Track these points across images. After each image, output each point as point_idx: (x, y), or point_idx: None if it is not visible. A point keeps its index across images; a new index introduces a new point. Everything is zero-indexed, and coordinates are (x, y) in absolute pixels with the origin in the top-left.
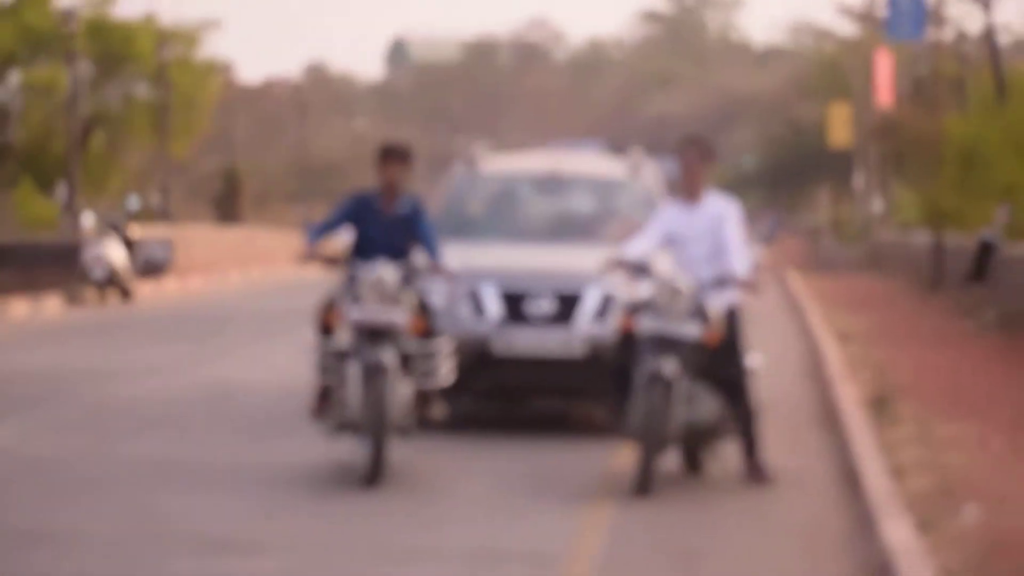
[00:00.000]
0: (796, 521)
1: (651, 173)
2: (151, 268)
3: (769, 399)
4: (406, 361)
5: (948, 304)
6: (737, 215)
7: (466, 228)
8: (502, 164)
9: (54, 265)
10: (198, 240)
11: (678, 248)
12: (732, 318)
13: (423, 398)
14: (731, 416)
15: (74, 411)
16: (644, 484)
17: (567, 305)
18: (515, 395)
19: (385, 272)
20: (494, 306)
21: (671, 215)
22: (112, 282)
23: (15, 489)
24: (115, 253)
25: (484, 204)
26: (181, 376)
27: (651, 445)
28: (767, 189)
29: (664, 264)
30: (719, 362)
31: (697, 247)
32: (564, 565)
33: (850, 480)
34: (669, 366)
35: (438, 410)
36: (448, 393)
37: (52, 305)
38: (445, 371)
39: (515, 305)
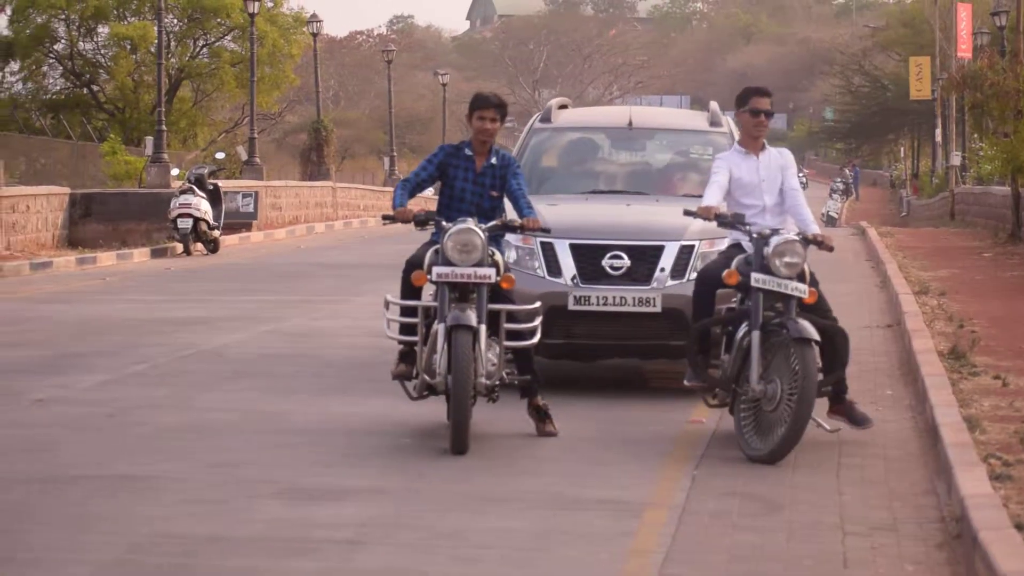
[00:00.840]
0: (875, 472)
1: (731, 125)
2: (237, 220)
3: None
4: (495, 321)
5: None
6: (794, 164)
7: (541, 182)
8: (579, 117)
9: (141, 217)
10: (284, 192)
11: (743, 197)
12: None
13: (537, 412)
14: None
15: (160, 361)
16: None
17: (645, 260)
18: (592, 353)
19: (473, 228)
20: (569, 262)
21: (735, 163)
22: (198, 234)
23: (99, 437)
24: (201, 205)
25: (560, 158)
26: (266, 327)
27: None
28: (848, 142)
29: (770, 220)
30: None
31: (763, 197)
32: (644, 513)
33: (928, 431)
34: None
35: (553, 427)
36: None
37: (138, 256)
38: (535, 331)
39: (591, 260)
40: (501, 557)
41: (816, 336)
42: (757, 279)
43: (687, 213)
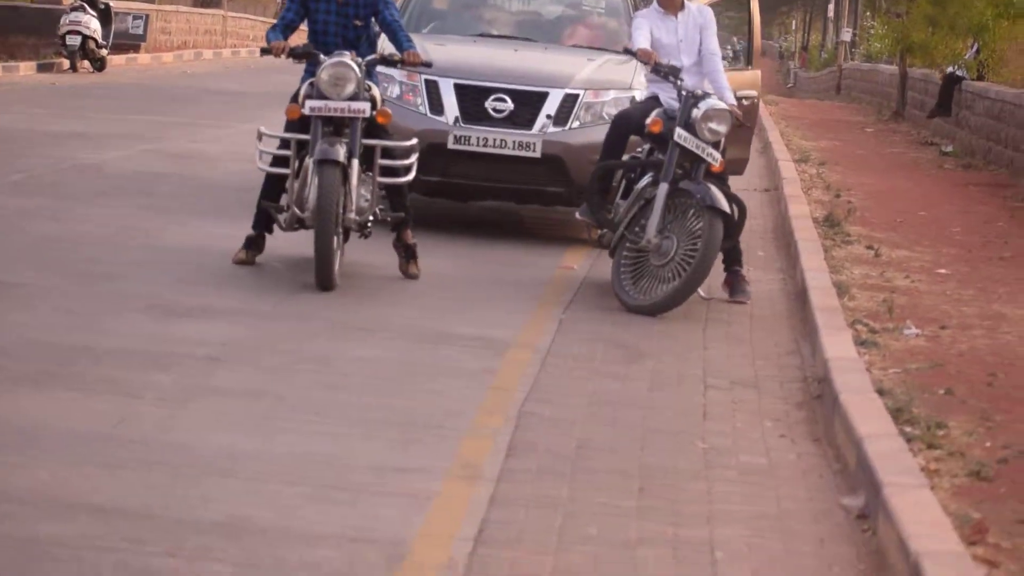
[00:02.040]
0: (741, 330)
1: None
2: (126, 41)
3: None
4: (369, 156)
5: (909, 134)
6: (714, 24)
7: (431, 23)
8: None
9: (30, 31)
10: (175, 17)
11: (664, 58)
12: None
13: (406, 250)
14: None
15: (38, 172)
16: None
17: (528, 105)
18: (468, 193)
19: (348, 61)
20: (452, 101)
21: (654, 22)
22: (85, 52)
23: None
24: (91, 23)
25: (449, 1)
26: (147, 147)
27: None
28: (738, 12)
29: (688, 82)
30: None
31: (680, 58)
32: (508, 352)
33: (798, 294)
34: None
35: (416, 268)
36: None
37: (24, 69)
38: (410, 168)
39: (474, 101)
40: (362, 385)
41: (727, 208)
42: (680, 135)
43: (625, 51)
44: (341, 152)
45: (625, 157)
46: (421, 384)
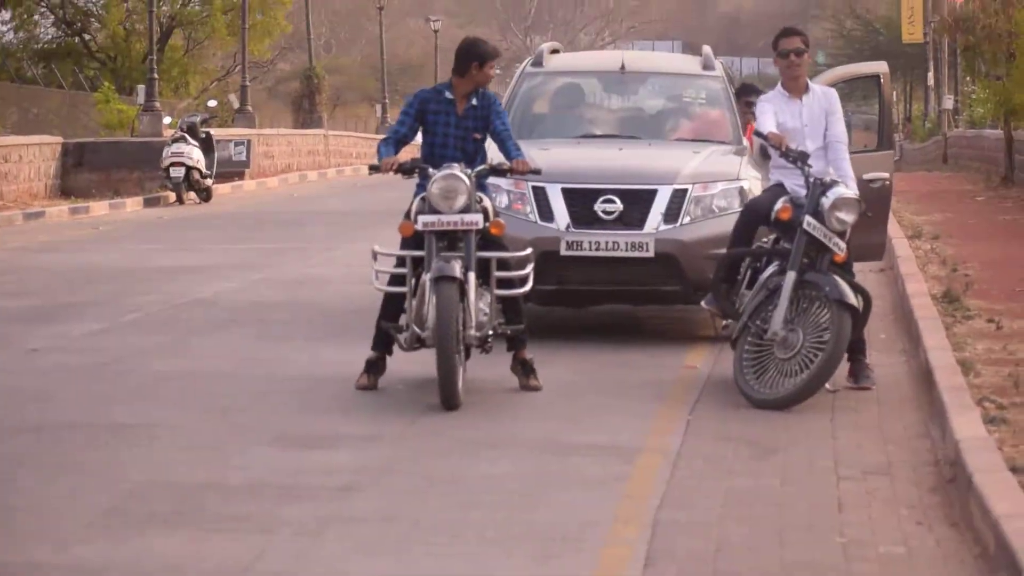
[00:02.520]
0: (869, 416)
1: (722, 68)
2: (230, 168)
3: None
4: (485, 269)
5: (1020, 199)
6: (840, 108)
7: (533, 128)
8: (570, 61)
9: (134, 166)
10: (276, 141)
11: (789, 142)
12: None
13: (523, 366)
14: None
15: (154, 308)
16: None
17: (637, 204)
18: (584, 299)
19: (458, 173)
20: (561, 206)
21: (778, 105)
22: (190, 183)
23: (92, 385)
24: (193, 154)
25: (552, 103)
26: (259, 275)
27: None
28: (840, 87)
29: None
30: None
31: (806, 143)
32: (638, 457)
33: (922, 375)
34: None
35: (537, 382)
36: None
37: (131, 205)
38: (526, 279)
39: (583, 205)
40: (495, 502)
41: (855, 302)
42: (810, 223)
43: (757, 134)
44: (457, 268)
45: (756, 245)
46: (554, 496)
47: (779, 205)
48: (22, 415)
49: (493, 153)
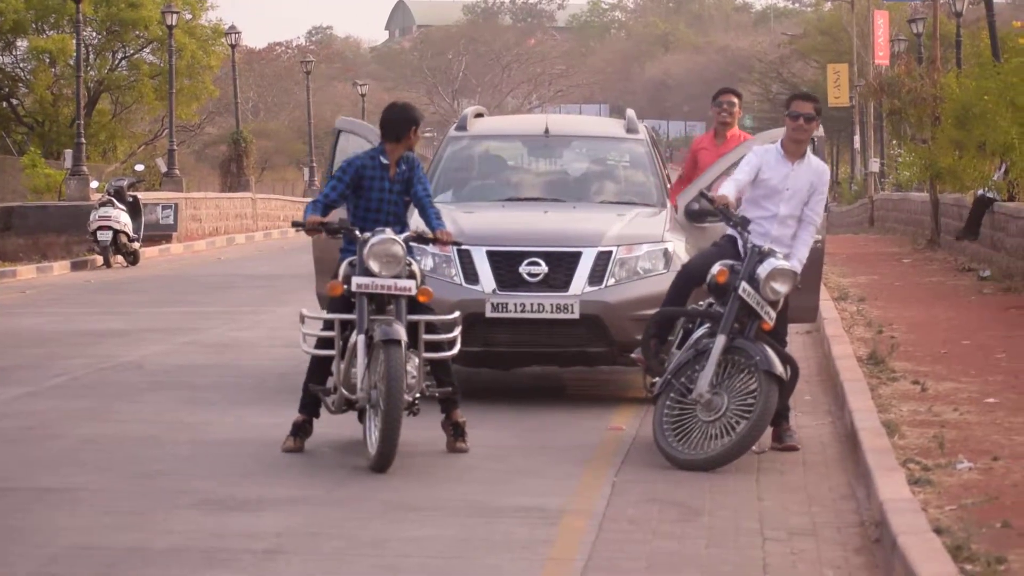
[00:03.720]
0: (794, 477)
1: (646, 131)
2: (157, 232)
3: None
4: (413, 332)
5: (946, 262)
6: (827, 188)
7: (458, 191)
8: (495, 125)
9: (61, 230)
10: (204, 204)
11: (761, 198)
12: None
13: (454, 428)
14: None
15: (79, 373)
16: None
17: (562, 266)
18: (510, 361)
19: (395, 238)
20: (487, 268)
21: (768, 163)
22: (118, 246)
23: (18, 449)
24: (121, 217)
25: (477, 166)
26: (186, 339)
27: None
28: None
29: (775, 230)
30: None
31: (779, 206)
32: (563, 519)
33: (847, 436)
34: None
35: (465, 444)
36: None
37: (59, 269)
38: (454, 342)
39: (509, 267)
40: (421, 566)
41: (783, 373)
42: (745, 290)
43: (702, 195)
44: (402, 331)
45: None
46: (480, 560)
47: (716, 269)
48: None
49: (414, 219)
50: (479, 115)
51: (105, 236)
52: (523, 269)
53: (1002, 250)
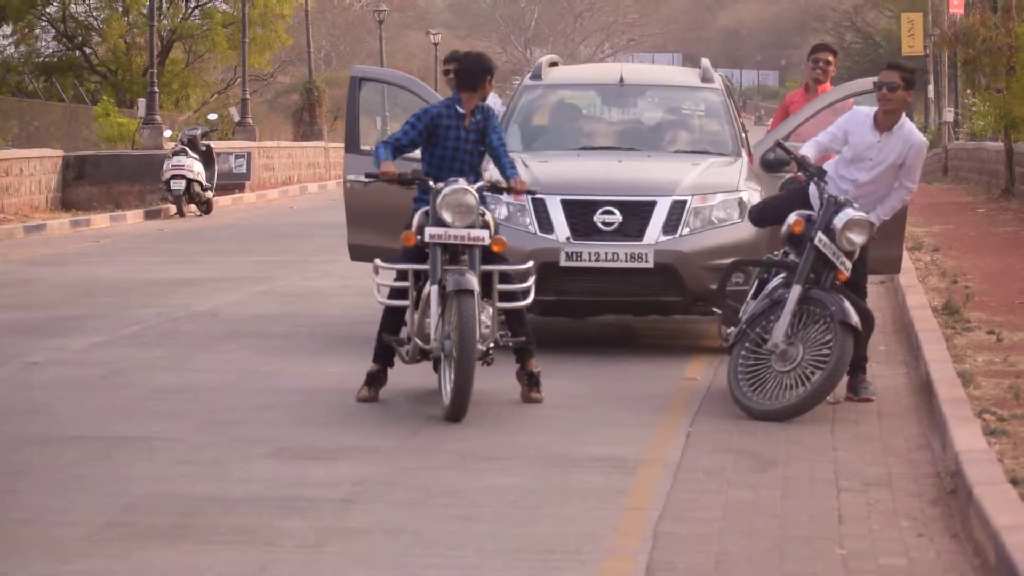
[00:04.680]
0: (869, 428)
1: (721, 80)
2: (230, 181)
3: None
4: (487, 282)
5: (1020, 211)
6: (922, 160)
7: (532, 140)
8: (569, 74)
9: (134, 179)
10: (277, 153)
11: (850, 164)
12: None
13: (529, 378)
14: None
15: (153, 322)
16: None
17: (637, 215)
18: (584, 310)
19: (468, 188)
20: (561, 218)
21: (857, 129)
22: (191, 195)
23: (94, 398)
24: (194, 167)
25: (551, 115)
26: (260, 288)
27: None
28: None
29: (853, 192)
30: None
31: (866, 175)
32: (638, 469)
33: (923, 387)
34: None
35: (539, 394)
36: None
37: (132, 218)
38: (528, 291)
39: (583, 216)
40: (496, 515)
41: (858, 323)
42: (821, 239)
43: (779, 145)
44: (475, 281)
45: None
46: (554, 509)
47: (792, 219)
48: (22, 428)
49: (489, 169)
50: (553, 64)
51: (178, 185)
52: (597, 218)
53: None
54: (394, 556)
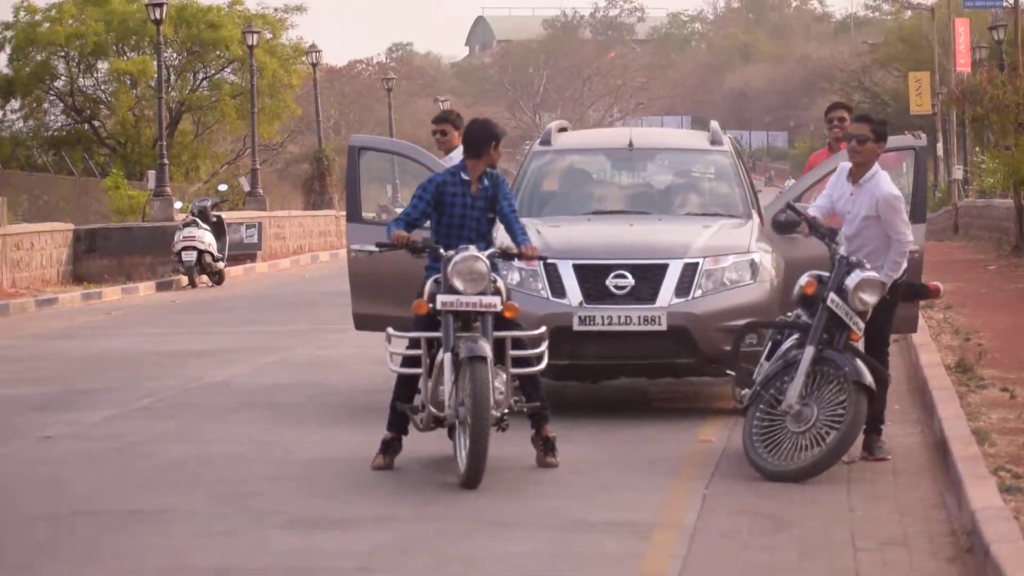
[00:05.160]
0: (885, 487)
1: (730, 142)
2: (241, 251)
3: None
4: (500, 348)
5: None
6: (898, 214)
7: (543, 205)
8: (579, 139)
9: (145, 251)
10: (287, 222)
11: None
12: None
13: (544, 443)
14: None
15: (166, 394)
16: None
17: (649, 278)
18: (598, 373)
19: (479, 255)
20: (573, 282)
21: (838, 184)
22: (202, 266)
23: (107, 471)
24: (205, 238)
25: (561, 180)
26: (272, 358)
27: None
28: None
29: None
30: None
31: (848, 228)
32: (654, 534)
33: (937, 445)
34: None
35: (555, 459)
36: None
37: (144, 290)
38: (542, 356)
39: (595, 280)
40: None
41: (872, 383)
42: (833, 300)
43: (790, 207)
44: (487, 348)
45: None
46: (572, 575)
47: (804, 280)
48: (38, 503)
49: (500, 235)
50: (563, 129)
51: (190, 256)
52: (610, 282)
53: None
54: None
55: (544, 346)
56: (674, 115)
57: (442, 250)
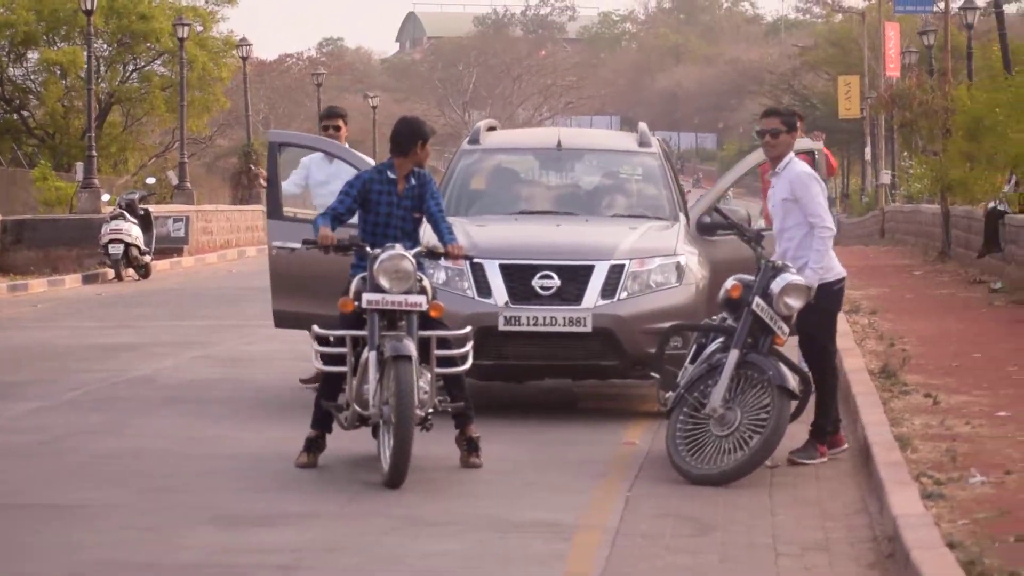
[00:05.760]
0: (808, 492)
1: (659, 144)
2: (168, 245)
3: None
4: (425, 348)
5: (957, 274)
6: (810, 190)
7: (471, 204)
8: (507, 138)
9: (72, 243)
10: (215, 217)
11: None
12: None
13: (468, 443)
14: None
15: (92, 387)
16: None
17: (575, 279)
18: (523, 374)
19: (405, 254)
20: (499, 282)
21: (773, 183)
22: (129, 259)
23: (33, 464)
24: (132, 231)
25: (489, 180)
26: (198, 352)
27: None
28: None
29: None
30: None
31: (777, 221)
32: (577, 535)
33: (860, 451)
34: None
35: (478, 459)
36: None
37: (70, 282)
38: (466, 356)
39: (521, 281)
40: None
41: (796, 388)
42: (758, 304)
43: (715, 209)
44: (412, 346)
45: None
46: (495, 575)
47: (730, 284)
48: None
49: (427, 234)
50: (492, 128)
51: (116, 249)
52: (535, 282)
53: (1013, 262)
54: None
55: (469, 346)
56: (604, 115)
57: (368, 248)
